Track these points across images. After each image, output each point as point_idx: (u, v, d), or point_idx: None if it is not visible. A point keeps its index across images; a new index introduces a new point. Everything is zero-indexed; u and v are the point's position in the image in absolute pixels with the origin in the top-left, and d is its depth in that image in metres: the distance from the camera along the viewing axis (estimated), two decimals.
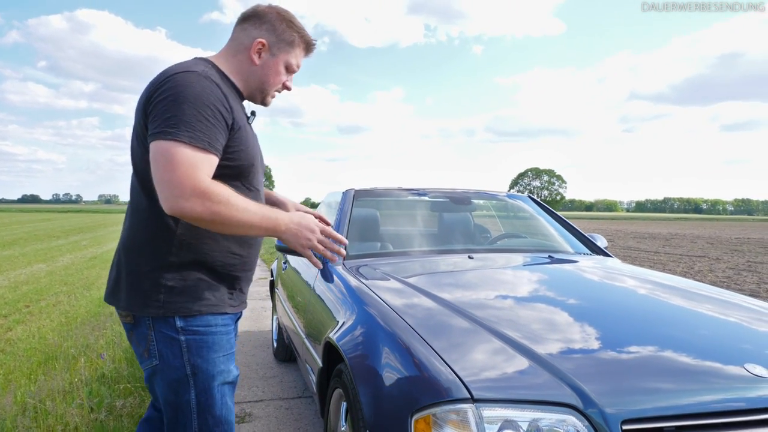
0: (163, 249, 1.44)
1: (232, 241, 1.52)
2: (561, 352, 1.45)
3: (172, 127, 1.30)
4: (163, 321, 1.44)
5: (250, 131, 1.58)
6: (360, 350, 1.69)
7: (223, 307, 1.51)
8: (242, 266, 1.57)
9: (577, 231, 3.29)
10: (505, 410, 1.23)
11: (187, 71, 1.39)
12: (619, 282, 2.30)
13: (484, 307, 1.83)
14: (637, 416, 1.21)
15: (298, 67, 1.65)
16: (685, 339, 1.58)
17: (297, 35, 1.60)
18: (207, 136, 1.34)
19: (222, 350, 1.51)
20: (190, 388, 1.47)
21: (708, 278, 9.58)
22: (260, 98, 1.64)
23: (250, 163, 1.52)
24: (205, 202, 1.28)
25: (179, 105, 1.32)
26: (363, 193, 3.21)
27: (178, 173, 1.28)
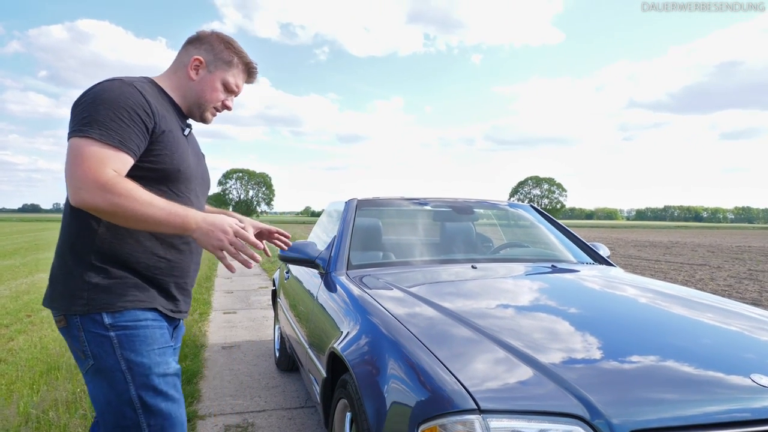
0: (86, 249, 1.47)
1: (155, 243, 1.53)
2: (566, 362, 1.45)
3: (85, 126, 1.37)
4: (90, 320, 1.45)
5: (183, 141, 1.62)
6: (365, 361, 1.69)
7: (152, 303, 1.53)
8: (170, 271, 1.58)
9: (579, 240, 3.29)
10: (513, 421, 1.23)
11: (112, 79, 1.47)
12: (622, 291, 2.30)
13: (489, 317, 1.84)
14: (644, 427, 1.21)
15: (237, 88, 1.71)
16: (690, 348, 1.58)
17: (236, 57, 1.68)
18: (119, 135, 1.38)
19: (156, 343, 1.51)
20: (129, 385, 1.46)
21: (709, 287, 9.57)
22: (198, 114, 1.70)
23: (176, 168, 1.54)
24: (105, 194, 1.31)
25: (95, 106, 1.39)
26: (366, 203, 3.22)
27: (83, 167, 1.33)
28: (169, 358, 1.55)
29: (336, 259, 2.70)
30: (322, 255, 2.77)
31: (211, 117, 1.72)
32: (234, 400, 3.52)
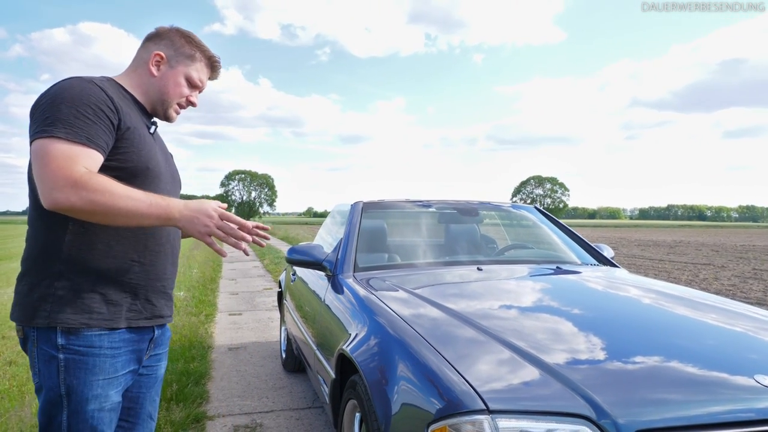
0: (53, 258, 1.40)
1: (128, 246, 1.47)
2: (572, 363, 1.48)
3: (49, 126, 1.31)
4: (45, 337, 1.39)
5: (150, 139, 1.57)
6: (374, 362, 1.73)
7: (116, 321, 1.45)
8: (144, 274, 1.51)
9: (583, 241, 3.32)
10: (521, 421, 1.26)
11: (69, 78, 1.41)
12: (626, 292, 2.33)
13: (495, 318, 1.86)
14: (650, 427, 1.24)
15: (201, 83, 1.67)
16: (694, 349, 1.61)
17: (197, 51, 1.63)
18: (85, 132, 1.33)
19: (102, 374, 1.44)
20: (62, 409, 1.40)
21: (713, 286, 9.57)
22: (162, 111, 1.64)
23: (144, 165, 1.48)
24: (79, 191, 1.25)
25: (57, 105, 1.33)
26: (371, 206, 3.25)
27: (52, 166, 1.27)
28: (112, 391, 1.47)
29: (343, 261, 2.73)
30: (329, 257, 2.80)
31: (175, 114, 1.66)
32: (242, 400, 3.55)
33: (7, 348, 5.04)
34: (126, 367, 1.51)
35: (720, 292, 8.75)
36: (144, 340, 1.56)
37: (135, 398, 1.63)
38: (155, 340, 1.62)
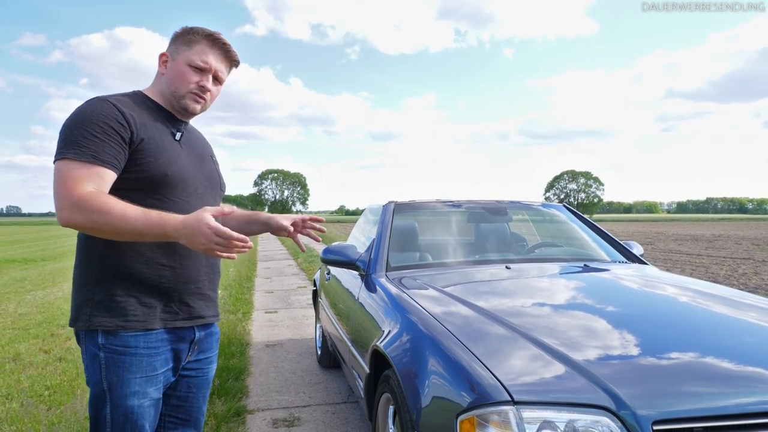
0: (90, 266, 1.51)
1: (158, 252, 1.53)
2: (596, 358, 1.55)
3: (63, 149, 1.42)
4: (90, 337, 1.51)
5: (173, 145, 1.60)
6: (407, 357, 1.82)
7: (151, 323, 1.53)
8: (176, 278, 1.57)
9: (612, 239, 3.35)
10: (544, 412, 1.35)
11: (89, 99, 1.52)
12: (654, 289, 2.37)
13: (522, 315, 1.94)
14: (667, 417, 1.31)
15: (205, 63, 1.61)
16: (717, 344, 1.66)
17: (195, 35, 1.62)
18: (92, 150, 1.40)
19: (140, 372, 1.52)
20: (106, 403, 1.51)
21: (753, 281, 9.37)
22: (178, 105, 1.64)
23: (163, 173, 1.53)
24: (81, 211, 1.34)
25: (70, 129, 1.44)
26: (402, 206, 3.35)
27: (59, 188, 1.38)
28: (150, 388, 1.55)
29: (375, 261, 2.83)
30: (362, 257, 2.91)
31: (194, 104, 1.64)
32: (280, 395, 3.70)
33: (57, 345, 5.31)
34: (164, 366, 1.59)
35: (759, 288, 8.57)
36: (184, 341, 1.64)
37: (185, 398, 1.74)
38: (199, 342, 1.70)
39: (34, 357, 4.83)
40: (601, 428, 1.32)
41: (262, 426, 3.17)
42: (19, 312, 7.03)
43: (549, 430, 1.33)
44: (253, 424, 3.20)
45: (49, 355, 4.91)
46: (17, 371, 4.33)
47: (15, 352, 4.94)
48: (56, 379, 4.10)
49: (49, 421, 3.03)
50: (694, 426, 1.31)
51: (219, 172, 1.81)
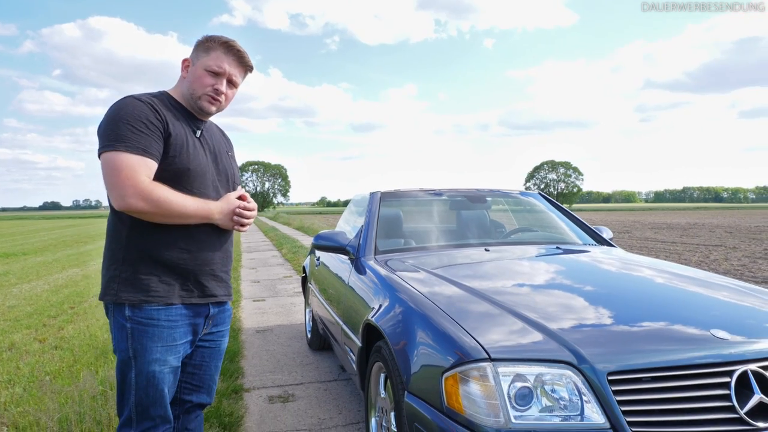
0: (118, 247, 1.72)
1: (178, 237, 1.74)
2: (563, 323, 1.77)
3: (111, 141, 1.62)
4: (118, 309, 1.72)
5: (194, 142, 1.81)
6: (398, 328, 2.04)
7: (170, 298, 1.73)
8: (193, 260, 1.78)
9: (583, 224, 3.60)
10: (516, 367, 1.57)
11: (124, 98, 1.72)
12: (619, 268, 2.61)
13: (499, 289, 2.16)
14: (620, 369, 1.54)
15: (220, 68, 1.79)
16: (666, 311, 1.90)
17: (211, 42, 1.81)
18: (141, 144, 1.63)
19: (161, 341, 1.72)
20: (131, 369, 1.72)
21: (723, 267, 9.76)
22: (196, 106, 1.83)
23: (186, 167, 1.74)
24: (147, 200, 1.58)
25: (116, 123, 1.63)
26: (388, 195, 3.55)
27: (121, 176, 1.58)
28: (170, 356, 1.75)
29: (365, 245, 3.04)
30: (352, 242, 3.11)
31: (209, 105, 1.82)
32: (273, 375, 3.90)
33: (50, 334, 5.44)
34: (183, 338, 1.80)
35: (728, 272, 8.95)
36: (200, 315, 1.84)
37: (199, 366, 1.95)
38: (213, 317, 1.91)
39: (29, 346, 4.96)
40: (565, 380, 1.55)
41: (259, 402, 3.37)
42: (8, 305, 7.11)
43: (521, 382, 1.55)
44: (251, 400, 3.40)
45: (44, 344, 5.04)
46: (15, 359, 4.46)
47: (10, 342, 5.06)
48: (55, 366, 4.25)
49: (59, 402, 3.19)
50: (642, 376, 1.54)
51: (235, 167, 2.01)
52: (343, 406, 3.30)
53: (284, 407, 3.28)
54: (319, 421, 3.06)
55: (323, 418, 3.11)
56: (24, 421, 2.97)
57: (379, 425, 2.29)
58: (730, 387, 1.54)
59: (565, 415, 1.52)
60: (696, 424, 1.50)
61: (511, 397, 1.53)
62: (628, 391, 1.52)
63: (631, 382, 1.54)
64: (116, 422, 2.77)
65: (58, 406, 3.09)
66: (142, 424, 1.76)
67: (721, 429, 1.49)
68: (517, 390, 1.54)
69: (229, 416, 3.07)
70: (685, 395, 1.53)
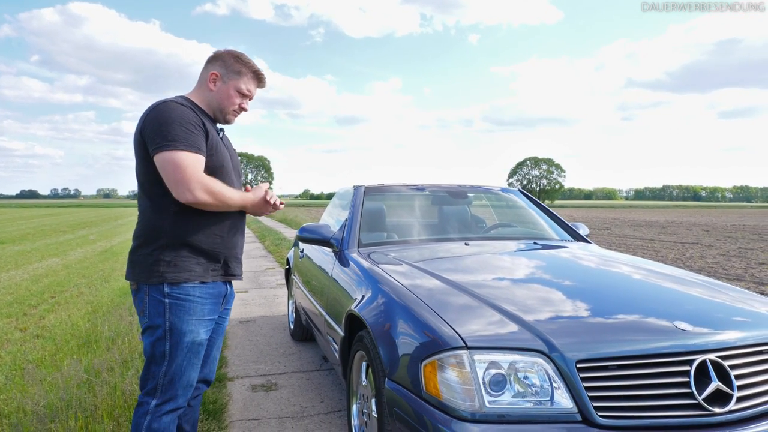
0: (159, 234, 1.91)
1: (212, 225, 1.98)
2: (537, 314, 1.86)
3: (170, 141, 1.81)
4: (156, 289, 1.90)
5: (221, 142, 2.05)
6: (379, 318, 2.12)
7: (206, 277, 1.97)
8: (224, 245, 2.03)
9: (561, 221, 3.71)
10: (491, 355, 1.66)
11: (165, 102, 1.91)
12: (592, 263, 2.72)
13: (477, 282, 2.25)
14: (588, 357, 1.64)
15: (250, 92, 2.09)
16: (634, 304, 2.01)
17: (244, 67, 2.05)
18: (195, 143, 1.86)
19: (195, 315, 1.94)
20: (166, 341, 1.92)
21: (698, 264, 10.00)
22: (222, 118, 2.09)
23: (220, 164, 2.00)
24: (210, 193, 1.85)
25: (170, 125, 1.83)
26: (372, 189, 3.62)
27: (187, 173, 1.80)
28: (201, 329, 1.98)
29: (348, 238, 3.11)
30: (336, 235, 3.18)
31: (233, 118, 2.11)
32: (256, 365, 3.96)
33: (32, 323, 5.44)
34: (211, 314, 2.03)
35: (703, 270, 9.18)
36: (221, 295, 2.07)
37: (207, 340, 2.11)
38: (227, 297, 2.15)
39: (10, 335, 4.96)
40: (537, 368, 1.64)
41: (242, 390, 3.43)
42: None
43: (495, 369, 1.64)
44: (234, 389, 3.46)
45: (25, 333, 5.04)
46: None
47: None
48: (37, 354, 4.26)
49: (44, 390, 3.23)
50: (609, 364, 1.64)
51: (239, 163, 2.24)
52: (325, 394, 3.37)
53: (267, 395, 3.35)
54: (302, 409, 3.14)
55: (305, 406, 3.19)
56: (8, 408, 3.00)
57: (360, 412, 2.37)
58: (690, 375, 1.65)
59: (536, 401, 1.61)
60: (658, 409, 1.60)
61: (485, 383, 1.62)
62: (595, 378, 1.62)
63: (598, 370, 1.63)
64: (102, 409, 2.83)
65: (43, 393, 3.13)
66: (166, 393, 1.94)
67: (680, 414, 1.60)
68: (491, 377, 1.63)
69: (213, 404, 3.14)
70: (648, 382, 1.63)
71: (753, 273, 8.91)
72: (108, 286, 7.60)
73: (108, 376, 3.27)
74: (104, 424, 2.69)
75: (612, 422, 1.57)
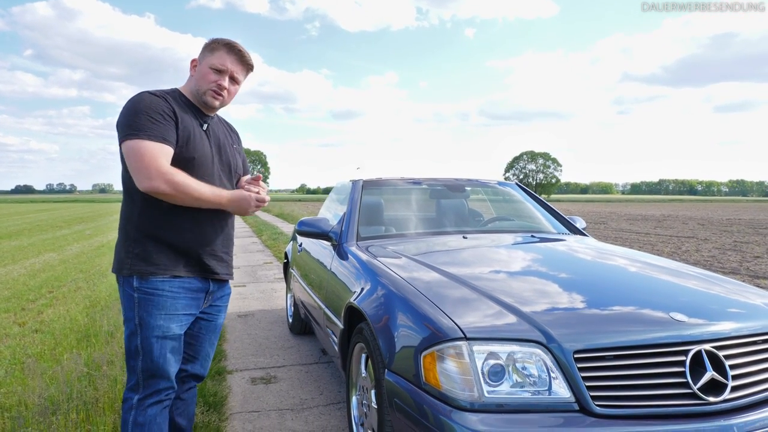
0: (131, 227, 1.91)
1: (183, 219, 1.92)
2: (535, 306, 1.88)
3: (133, 130, 1.79)
4: (128, 282, 1.90)
5: (200, 134, 1.98)
6: (379, 310, 2.13)
7: (177, 271, 1.92)
8: (195, 240, 1.96)
9: (558, 214, 3.74)
10: (490, 346, 1.68)
11: (139, 93, 1.89)
12: (589, 256, 2.74)
13: (476, 274, 2.27)
14: (585, 348, 1.66)
15: (223, 66, 1.96)
16: (631, 296, 2.04)
17: (216, 43, 1.98)
18: (160, 132, 1.81)
19: (164, 310, 1.90)
20: (137, 336, 1.90)
21: (693, 257, 10.05)
22: (201, 100, 1.99)
23: (191, 156, 1.91)
24: (169, 183, 1.76)
25: (135, 114, 1.81)
26: (370, 183, 3.63)
27: (145, 161, 1.76)
28: (173, 324, 1.93)
29: (347, 231, 3.13)
30: (334, 229, 3.20)
31: (212, 100, 1.97)
32: (255, 358, 3.99)
33: (30, 318, 5.44)
34: (186, 309, 1.98)
35: (698, 263, 9.24)
36: (201, 291, 2.03)
37: (196, 337, 2.12)
38: (212, 293, 2.10)
39: (9, 329, 4.96)
40: (535, 358, 1.67)
41: (242, 383, 3.46)
42: None
43: (494, 359, 1.66)
44: (234, 381, 3.48)
45: (24, 328, 5.05)
46: None
47: None
48: (36, 348, 4.27)
49: (44, 383, 3.24)
50: (606, 354, 1.66)
51: (238, 158, 2.17)
52: (324, 387, 3.40)
53: (267, 388, 3.37)
54: (301, 402, 3.16)
55: (305, 398, 3.21)
56: (9, 401, 3.02)
57: (360, 403, 2.39)
58: (685, 365, 1.67)
59: (535, 390, 1.63)
60: (654, 398, 1.63)
61: (484, 374, 1.64)
62: (592, 368, 1.65)
63: (595, 360, 1.66)
64: (103, 402, 2.85)
65: (45, 386, 3.14)
66: (147, 388, 1.94)
67: (676, 403, 1.63)
68: (490, 367, 1.65)
69: (213, 396, 3.16)
70: (644, 372, 1.66)
71: (748, 266, 8.97)
72: (105, 281, 7.60)
73: (108, 369, 3.29)
74: (106, 416, 2.71)
75: (609, 411, 1.59)
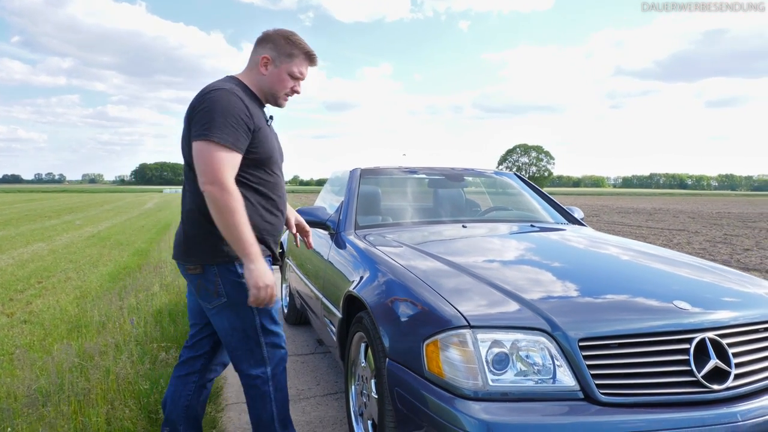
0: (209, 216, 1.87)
1: (265, 211, 2.02)
2: (538, 293, 1.86)
3: (207, 130, 1.80)
4: (226, 269, 1.94)
5: (269, 131, 2.05)
6: (379, 298, 2.11)
7: (265, 253, 2.01)
8: (272, 230, 2.07)
9: (556, 204, 3.72)
10: (494, 334, 1.65)
11: (219, 89, 1.88)
12: (589, 245, 2.72)
13: (476, 262, 2.24)
14: (590, 336, 1.64)
15: (302, 75, 2.07)
16: (634, 284, 2.02)
17: (296, 49, 2.03)
18: (232, 138, 1.82)
19: None
20: (255, 316, 2.00)
21: (684, 250, 10.12)
22: (273, 101, 2.09)
23: (268, 155, 2.00)
24: (223, 192, 1.77)
25: (212, 115, 1.82)
26: (368, 172, 3.60)
27: (213, 166, 1.78)
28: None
29: (345, 220, 3.09)
30: (332, 218, 3.16)
31: (284, 102, 2.10)
32: None
33: (18, 309, 5.38)
34: None
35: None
36: None
37: None
38: None
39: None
40: (539, 346, 1.65)
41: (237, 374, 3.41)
42: None
43: (498, 347, 1.64)
44: (230, 372, 3.44)
45: (12, 318, 4.98)
46: None
47: None
48: (25, 339, 4.22)
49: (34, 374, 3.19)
50: (610, 343, 1.64)
51: None
52: (320, 377, 3.37)
53: None
54: (298, 392, 3.13)
55: (302, 389, 3.19)
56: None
57: (359, 393, 2.36)
58: (689, 353, 1.66)
59: (539, 379, 1.61)
60: (658, 386, 1.61)
61: (488, 362, 1.62)
62: (597, 356, 1.63)
63: (600, 348, 1.64)
64: (95, 393, 2.80)
65: (34, 377, 3.09)
66: (273, 358, 2.10)
67: (680, 390, 1.61)
68: (494, 355, 1.63)
69: None
70: (648, 360, 1.64)
71: (738, 258, 9.04)
72: (96, 271, 7.53)
73: (101, 360, 3.24)
74: (98, 407, 2.66)
75: (613, 399, 1.57)
